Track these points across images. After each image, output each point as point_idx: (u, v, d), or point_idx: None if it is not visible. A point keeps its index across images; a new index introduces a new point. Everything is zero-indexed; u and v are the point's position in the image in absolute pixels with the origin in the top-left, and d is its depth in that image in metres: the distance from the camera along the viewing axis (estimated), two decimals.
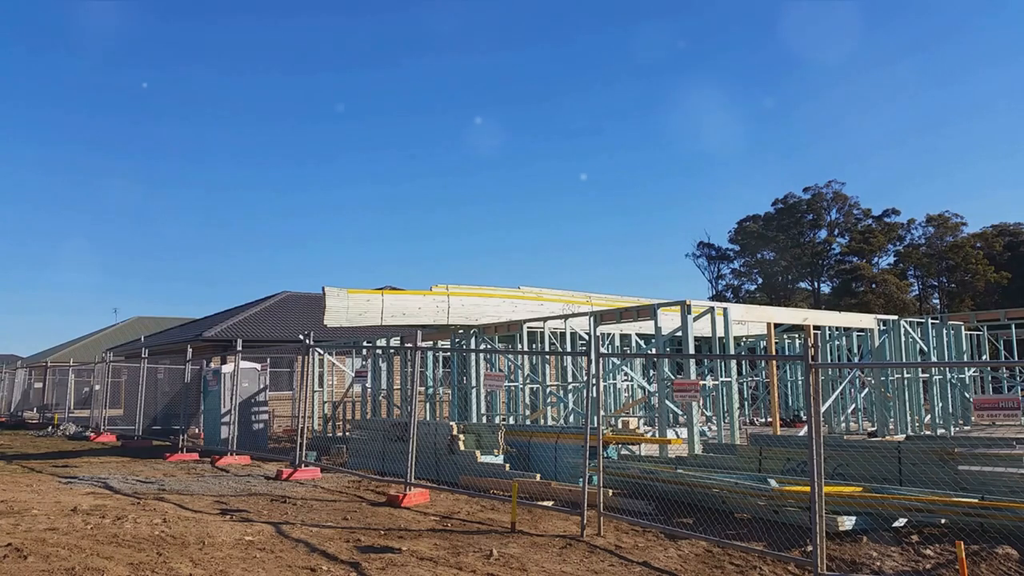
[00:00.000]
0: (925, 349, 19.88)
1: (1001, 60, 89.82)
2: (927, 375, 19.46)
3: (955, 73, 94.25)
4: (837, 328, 20.94)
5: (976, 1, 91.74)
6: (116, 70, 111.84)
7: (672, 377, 14.35)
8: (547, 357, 18.44)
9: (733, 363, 15.69)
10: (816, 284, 63.09)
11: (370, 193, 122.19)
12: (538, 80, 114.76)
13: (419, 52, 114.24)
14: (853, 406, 20.69)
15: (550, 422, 17.75)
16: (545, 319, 17.92)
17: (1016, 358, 23.25)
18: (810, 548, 6.62)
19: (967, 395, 21.15)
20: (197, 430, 21.52)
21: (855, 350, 22.44)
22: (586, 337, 17.29)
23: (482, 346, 18.43)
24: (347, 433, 19.99)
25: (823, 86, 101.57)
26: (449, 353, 20.44)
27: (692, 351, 14.26)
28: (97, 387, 25.87)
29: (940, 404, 19.61)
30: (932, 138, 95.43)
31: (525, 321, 17.86)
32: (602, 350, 19.96)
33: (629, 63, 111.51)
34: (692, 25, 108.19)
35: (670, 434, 13.36)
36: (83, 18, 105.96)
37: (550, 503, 9.95)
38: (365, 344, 21.11)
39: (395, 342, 20.21)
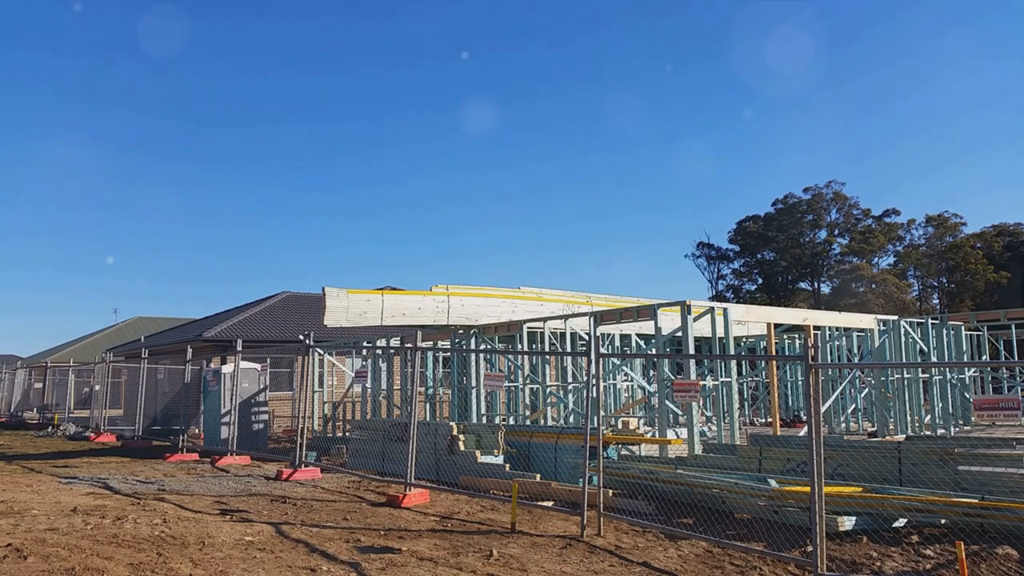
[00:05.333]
0: (925, 349, 19.88)
1: (1000, 59, 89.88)
2: (927, 375, 19.45)
3: (955, 73, 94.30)
4: (837, 328, 20.94)
5: (976, 1, 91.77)
6: (118, 69, 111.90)
7: (672, 377, 14.35)
8: (547, 357, 18.45)
9: (733, 363, 15.69)
10: (816, 284, 63.08)
11: (370, 193, 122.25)
12: (538, 79, 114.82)
13: (420, 52, 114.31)
14: (853, 406, 20.68)
15: (550, 422, 17.75)
16: (545, 319, 17.92)
17: (1016, 358, 23.24)
18: (810, 548, 6.62)
19: (967, 395, 21.14)
20: (197, 430, 21.51)
21: (855, 350, 22.43)
22: (586, 337, 17.29)
23: (482, 346, 18.44)
24: (347, 433, 19.99)
25: (822, 86, 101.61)
26: (449, 353, 20.44)
27: (692, 351, 14.26)
28: (97, 387, 25.87)
29: (940, 404, 19.60)
30: (932, 138, 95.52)
31: (525, 321, 17.86)
32: (602, 350, 19.95)
33: (627, 62, 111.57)
34: (692, 24, 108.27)
35: (670, 434, 13.36)
36: (86, 17, 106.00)
37: (550, 503, 9.95)
38: (365, 344, 21.11)
39: (395, 342, 20.20)
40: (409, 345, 12.60)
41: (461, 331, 18.76)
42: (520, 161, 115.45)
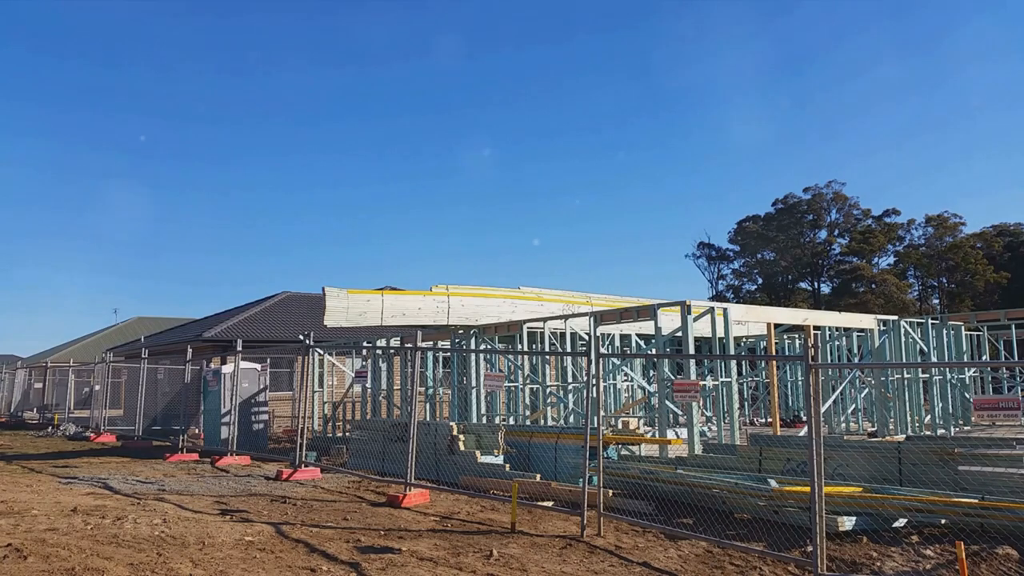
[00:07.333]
0: (925, 349, 19.88)
1: (1001, 59, 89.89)
2: (927, 375, 19.45)
3: (955, 73, 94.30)
4: (837, 328, 20.94)
5: (975, 0, 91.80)
6: (117, 69, 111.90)
7: (672, 377, 14.35)
8: (547, 357, 18.45)
9: (733, 363, 15.69)
10: (816, 284, 63.09)
11: (370, 193, 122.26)
12: (538, 80, 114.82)
13: (420, 52, 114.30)
14: (853, 406, 20.69)
15: (550, 422, 17.75)
16: (545, 319, 17.92)
17: (1016, 358, 23.23)
18: (810, 548, 6.62)
19: (967, 395, 21.14)
20: (197, 430, 21.52)
21: (855, 350, 22.43)
22: (586, 337, 17.29)
23: (482, 346, 18.43)
24: (347, 433, 19.99)
25: (822, 86, 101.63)
26: (449, 353, 20.44)
27: (692, 351, 14.26)
28: (97, 387, 25.87)
29: (940, 404, 19.60)
30: (932, 138, 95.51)
31: (525, 321, 17.85)
32: (602, 350, 19.96)
33: (628, 64, 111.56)
34: (693, 25, 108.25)
35: (670, 434, 13.36)
36: (85, 17, 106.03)
37: (550, 503, 9.95)
38: (365, 344, 21.11)
39: (395, 342, 20.20)
40: (409, 345, 12.60)
41: (461, 331, 18.76)
42: (519, 160, 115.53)
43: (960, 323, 22.07)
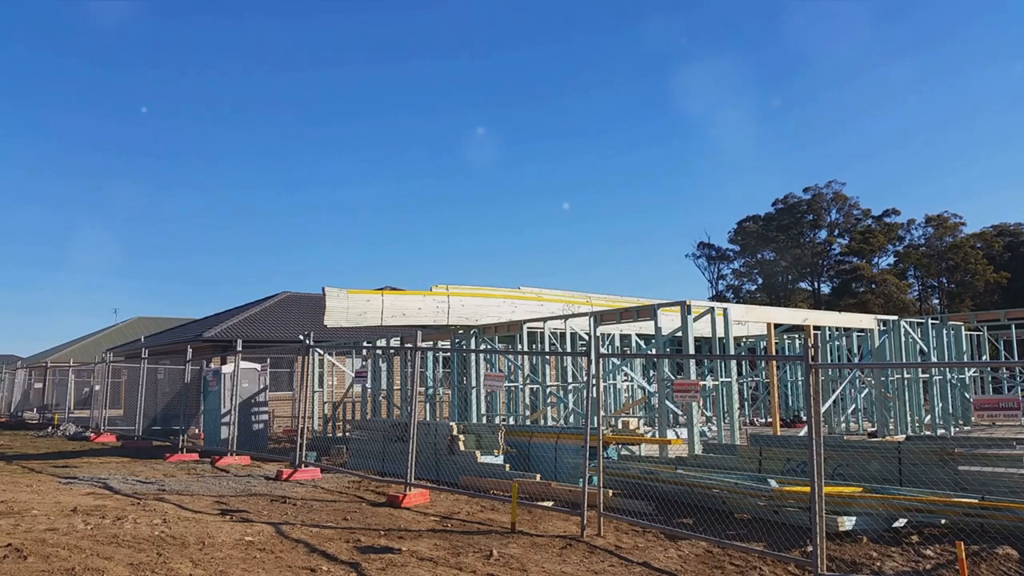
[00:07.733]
0: (925, 349, 19.88)
1: (1000, 60, 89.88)
2: (927, 375, 19.45)
3: (955, 73, 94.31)
4: (837, 328, 20.94)
5: (975, 1, 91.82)
6: (117, 70, 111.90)
7: (672, 377, 14.35)
8: (547, 357, 18.44)
9: (733, 363, 15.69)
10: (816, 284, 63.07)
11: (370, 193, 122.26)
12: (538, 80, 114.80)
13: (420, 52, 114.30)
14: (853, 406, 20.69)
15: (550, 422, 17.75)
16: (545, 319, 17.92)
17: (1016, 358, 23.22)
18: (810, 548, 6.63)
19: (967, 395, 21.14)
20: (197, 430, 21.52)
21: (855, 350, 22.43)
22: (586, 337, 17.28)
23: (482, 346, 18.43)
24: (347, 433, 19.99)
25: (823, 87, 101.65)
26: (449, 353, 20.44)
27: (692, 351, 14.26)
28: (97, 387, 25.88)
29: (940, 404, 19.60)
30: (932, 138, 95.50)
31: (525, 321, 17.86)
32: (602, 350, 19.96)
33: (628, 63, 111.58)
34: (693, 25, 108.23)
35: (670, 434, 13.36)
36: (85, 17, 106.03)
37: (550, 503, 9.95)
38: (365, 344, 21.11)
39: (395, 342, 20.21)
40: (409, 345, 12.60)
41: (461, 331, 18.76)
42: (520, 160, 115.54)
43: (960, 323, 22.07)
